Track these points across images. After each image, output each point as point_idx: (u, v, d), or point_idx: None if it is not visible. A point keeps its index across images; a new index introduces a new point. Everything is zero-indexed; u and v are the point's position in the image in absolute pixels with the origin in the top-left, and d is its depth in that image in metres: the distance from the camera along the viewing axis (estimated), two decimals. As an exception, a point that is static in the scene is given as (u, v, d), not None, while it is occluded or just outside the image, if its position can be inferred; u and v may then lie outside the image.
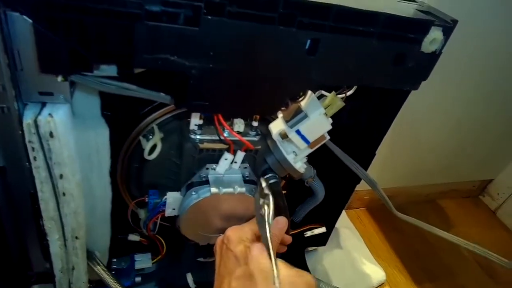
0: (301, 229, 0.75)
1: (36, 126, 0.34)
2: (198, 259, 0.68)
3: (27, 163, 0.38)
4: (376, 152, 0.63)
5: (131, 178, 0.54)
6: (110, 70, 0.37)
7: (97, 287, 0.59)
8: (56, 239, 0.44)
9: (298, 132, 0.46)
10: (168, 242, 0.62)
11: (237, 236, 0.40)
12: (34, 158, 0.36)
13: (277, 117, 0.49)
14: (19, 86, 0.33)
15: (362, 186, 0.72)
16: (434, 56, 0.43)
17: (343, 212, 0.99)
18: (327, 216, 0.76)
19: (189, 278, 0.66)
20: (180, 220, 0.51)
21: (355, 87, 0.48)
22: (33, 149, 0.36)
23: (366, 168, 0.60)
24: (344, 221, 0.98)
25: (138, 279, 0.62)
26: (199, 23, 0.33)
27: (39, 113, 0.34)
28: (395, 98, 0.53)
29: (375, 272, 0.87)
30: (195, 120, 0.46)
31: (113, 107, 0.45)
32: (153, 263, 0.62)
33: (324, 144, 0.52)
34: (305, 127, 0.46)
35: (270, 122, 0.50)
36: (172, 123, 0.49)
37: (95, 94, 0.42)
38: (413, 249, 0.98)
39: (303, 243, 0.81)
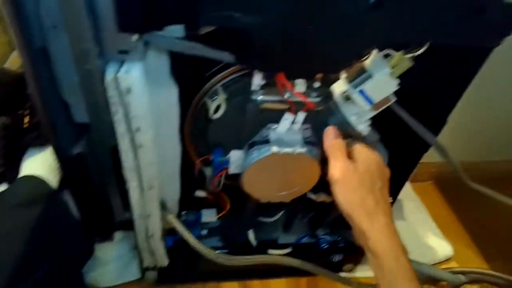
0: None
1: (116, 83, 0.38)
2: (260, 218, 0.72)
3: (110, 118, 0.42)
4: (447, 120, 0.59)
5: (197, 137, 0.57)
6: (178, 31, 0.40)
7: (169, 235, 0.65)
8: (135, 186, 0.49)
9: (361, 92, 0.45)
10: (232, 199, 0.66)
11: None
12: (115, 112, 0.41)
13: (340, 78, 0.48)
14: (101, 46, 0.37)
15: (429, 158, 0.68)
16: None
17: (408, 184, 0.96)
18: (390, 187, 0.73)
19: (251, 235, 0.69)
20: (242, 177, 0.53)
21: (426, 46, 0.45)
22: (114, 103, 0.40)
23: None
24: (408, 194, 0.95)
25: (204, 232, 0.68)
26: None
27: (118, 71, 0.38)
28: (472, 58, 0.49)
29: (442, 246, 0.83)
30: (258, 80, 0.47)
31: (181, 69, 0.48)
32: (217, 219, 0.67)
33: (390, 108, 0.50)
34: (369, 87, 0.45)
35: (332, 83, 0.50)
36: (235, 84, 0.50)
37: (165, 55, 0.45)
38: (484, 225, 0.91)
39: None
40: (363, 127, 0.49)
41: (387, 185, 0.48)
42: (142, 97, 0.40)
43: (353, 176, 0.45)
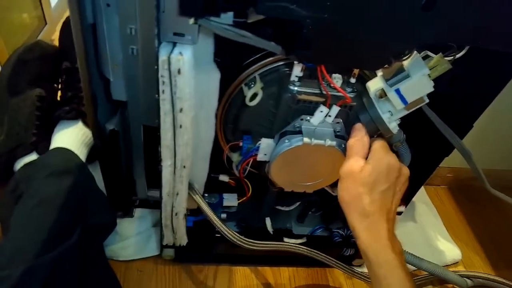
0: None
1: (169, 63, 0.40)
2: (277, 206, 0.74)
3: (156, 95, 0.44)
4: (474, 125, 0.60)
5: (228, 123, 0.59)
6: (227, 18, 0.41)
7: (191, 214, 0.67)
8: (168, 165, 0.52)
9: (397, 91, 0.47)
10: (253, 186, 0.68)
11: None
12: (163, 91, 0.43)
13: (375, 76, 0.50)
14: (159, 26, 0.39)
15: (446, 163, 0.70)
16: None
17: (423, 187, 0.97)
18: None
19: (268, 222, 0.72)
20: (270, 166, 0.55)
21: (465, 49, 0.46)
22: (163, 83, 0.42)
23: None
24: (422, 196, 0.96)
25: (223, 215, 0.70)
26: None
27: (171, 52, 0.40)
28: (506, 65, 0.50)
29: (450, 249, 0.85)
30: (297, 71, 0.48)
31: (223, 55, 0.50)
32: (238, 204, 0.69)
33: (418, 110, 0.51)
34: (405, 86, 0.46)
35: (366, 81, 0.51)
36: (273, 74, 0.52)
37: (211, 41, 0.47)
38: (495, 234, 0.93)
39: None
40: (394, 125, 0.51)
41: (397, 188, 0.49)
42: (190, 79, 0.42)
43: (358, 174, 0.46)
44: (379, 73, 0.49)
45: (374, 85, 0.49)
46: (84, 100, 0.57)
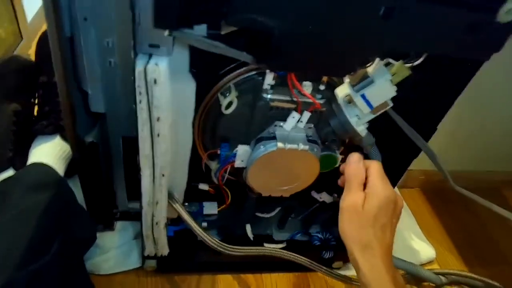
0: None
1: (145, 74, 0.41)
2: (257, 213, 0.76)
3: (134, 106, 0.45)
4: (438, 127, 0.64)
5: (206, 132, 0.61)
6: (201, 29, 0.44)
7: (172, 224, 0.68)
8: (148, 174, 0.53)
9: (363, 96, 0.50)
10: (232, 194, 0.69)
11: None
12: (140, 101, 0.44)
13: (343, 83, 0.53)
14: (135, 38, 0.40)
15: (417, 165, 0.73)
16: (510, 27, 0.44)
17: (396, 190, 1.01)
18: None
19: (248, 229, 0.73)
20: (247, 171, 0.57)
21: (423, 57, 0.50)
22: (140, 93, 0.43)
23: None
24: (396, 199, 1.00)
25: (204, 223, 0.71)
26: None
27: (148, 63, 0.42)
28: (464, 70, 0.54)
29: (425, 249, 0.88)
30: (269, 80, 0.51)
31: (198, 65, 0.52)
32: (218, 211, 0.70)
33: (385, 115, 0.55)
34: (370, 91, 0.49)
35: (335, 87, 0.54)
36: (247, 83, 0.54)
37: (186, 52, 0.49)
38: (467, 233, 0.97)
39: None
40: (362, 128, 0.54)
41: (395, 221, 0.50)
42: (166, 89, 0.43)
43: (358, 209, 0.47)
44: (346, 79, 0.52)
45: (342, 91, 0.52)
46: (62, 113, 0.57)
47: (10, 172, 0.69)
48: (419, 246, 0.89)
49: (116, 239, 0.76)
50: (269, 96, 0.52)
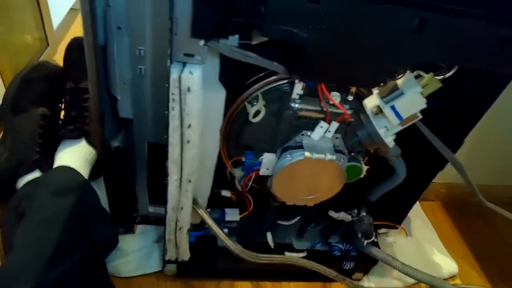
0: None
1: (179, 81, 0.42)
2: (278, 221, 0.75)
3: (166, 112, 0.46)
4: (466, 141, 0.63)
5: (231, 139, 0.61)
6: (233, 40, 0.44)
7: (194, 229, 0.68)
8: (175, 179, 0.53)
9: (393, 108, 0.50)
10: (255, 201, 0.69)
11: None
12: (172, 108, 0.45)
13: (372, 94, 0.53)
14: (171, 47, 0.41)
15: (440, 179, 0.72)
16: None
17: (417, 202, 0.99)
18: (402, 202, 0.77)
19: (269, 237, 0.73)
20: (272, 180, 0.57)
21: (454, 69, 0.50)
22: (173, 100, 0.44)
23: (451, 156, 0.61)
24: (417, 211, 0.98)
25: (225, 230, 0.71)
26: (319, 0, 0.38)
27: (182, 71, 0.42)
28: (494, 84, 0.53)
29: (447, 263, 0.86)
30: (298, 90, 0.51)
31: (227, 74, 0.52)
32: (240, 218, 0.70)
33: (411, 126, 0.54)
34: (400, 103, 0.49)
35: (363, 98, 0.54)
36: (274, 92, 0.55)
37: (217, 61, 0.49)
38: (489, 248, 0.95)
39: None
40: (390, 139, 0.54)
41: None
42: (198, 97, 0.44)
43: None
44: (375, 91, 0.52)
45: (371, 102, 0.52)
46: (89, 118, 0.59)
47: (36, 174, 0.71)
48: (440, 260, 0.87)
49: (137, 242, 0.77)
50: (297, 105, 0.52)
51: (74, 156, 0.71)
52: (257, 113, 0.55)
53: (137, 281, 0.73)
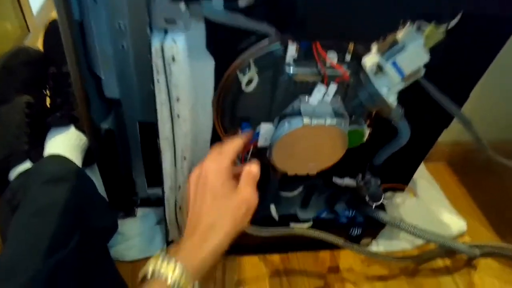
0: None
1: (162, 51, 0.39)
2: (282, 193, 0.74)
3: (152, 86, 0.43)
4: (469, 95, 0.60)
5: (225, 112, 0.58)
6: (218, 2, 0.40)
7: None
8: (169, 158, 0.51)
9: (394, 64, 0.46)
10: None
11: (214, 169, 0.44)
12: (158, 80, 0.42)
13: (370, 51, 0.49)
14: (150, 14, 0.38)
15: (443, 138, 0.70)
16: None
17: (421, 164, 0.97)
18: (407, 163, 0.75)
19: (273, 209, 0.71)
20: (272, 150, 0.55)
21: (457, 19, 0.46)
22: (157, 72, 0.41)
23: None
24: (422, 173, 0.97)
25: (228, 206, 0.69)
26: None
27: (164, 39, 0.39)
28: (500, 32, 0.50)
29: (455, 222, 0.85)
30: (291, 53, 0.48)
31: (215, 41, 0.49)
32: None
33: (415, 84, 0.51)
34: (401, 58, 0.46)
35: (361, 57, 0.51)
36: (267, 58, 0.51)
37: (202, 28, 0.46)
38: (498, 204, 0.94)
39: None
40: (393, 99, 0.50)
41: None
42: (185, 67, 0.41)
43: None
44: (374, 48, 0.49)
45: (370, 60, 0.49)
46: (75, 103, 0.56)
47: (27, 165, 0.68)
48: (449, 219, 0.86)
49: (138, 225, 0.76)
50: (292, 69, 0.49)
51: (64, 143, 0.68)
52: (250, 81, 0.51)
53: (142, 264, 0.71)
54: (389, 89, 0.49)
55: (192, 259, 0.41)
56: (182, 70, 0.41)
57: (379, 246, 0.81)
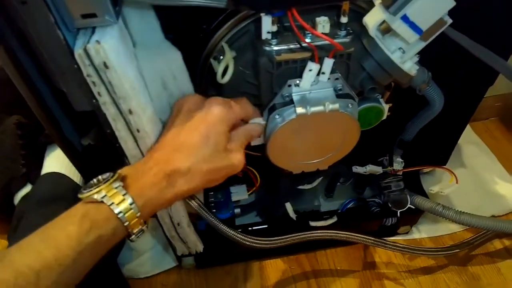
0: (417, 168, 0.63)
1: (88, 56, 0.30)
2: (298, 186, 0.64)
3: (94, 101, 0.35)
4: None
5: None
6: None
7: (201, 219, 0.60)
8: (145, 176, 0.43)
9: (405, 18, 0.34)
10: (261, 172, 0.58)
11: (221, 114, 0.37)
12: (98, 93, 0.33)
13: (373, 6, 0.37)
14: (59, 11, 0.29)
15: (491, 91, 0.56)
16: None
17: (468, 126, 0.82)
18: (448, 132, 0.62)
19: (289, 207, 0.62)
20: (267, 149, 0.45)
21: None
22: (94, 83, 0.32)
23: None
24: (468, 136, 0.82)
25: (237, 210, 0.61)
26: None
27: (88, 41, 0.30)
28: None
29: (512, 192, 0.71)
30: (267, 26, 0.37)
31: (175, 28, 0.39)
32: (249, 195, 0.60)
33: (442, 35, 0.38)
34: (414, 9, 0.33)
35: (362, 16, 0.38)
36: (242, 37, 0.41)
37: (152, 17, 0.36)
38: None
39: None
40: (409, 65, 0.38)
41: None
42: (124, 73, 0.32)
43: None
44: (377, 1, 0.36)
45: (373, 18, 0.36)
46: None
47: (28, 188, 0.66)
48: (504, 190, 0.72)
49: (149, 239, 0.70)
50: (273, 47, 0.38)
51: (60, 160, 0.65)
52: (226, 70, 0.42)
53: (159, 279, 0.67)
54: (403, 52, 0.37)
55: (152, 203, 0.35)
56: (122, 76, 0.32)
57: (421, 232, 0.69)
